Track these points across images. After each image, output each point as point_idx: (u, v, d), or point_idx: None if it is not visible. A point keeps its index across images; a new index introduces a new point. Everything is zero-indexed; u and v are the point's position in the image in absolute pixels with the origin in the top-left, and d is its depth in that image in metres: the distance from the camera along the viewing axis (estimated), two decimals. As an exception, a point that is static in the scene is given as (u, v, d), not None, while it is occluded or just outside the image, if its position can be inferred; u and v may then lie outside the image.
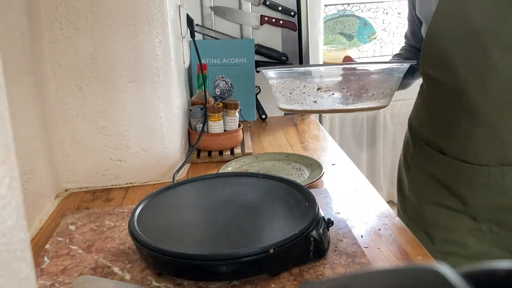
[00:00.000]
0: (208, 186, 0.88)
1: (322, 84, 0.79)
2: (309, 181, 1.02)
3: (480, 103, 0.90)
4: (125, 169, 1.07)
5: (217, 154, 1.23)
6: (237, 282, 0.67)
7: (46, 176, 0.98)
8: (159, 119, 1.06)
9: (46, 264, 0.75)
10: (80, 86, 1.00)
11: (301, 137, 1.39)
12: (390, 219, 0.86)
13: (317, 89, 0.80)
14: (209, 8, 1.52)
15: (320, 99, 0.81)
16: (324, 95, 0.80)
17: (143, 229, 0.72)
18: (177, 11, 1.19)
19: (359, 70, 0.88)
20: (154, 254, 0.67)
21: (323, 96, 0.80)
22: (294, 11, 1.54)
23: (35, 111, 0.94)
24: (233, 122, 1.26)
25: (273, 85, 0.89)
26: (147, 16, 0.99)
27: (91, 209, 0.96)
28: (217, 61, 1.50)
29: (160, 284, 0.68)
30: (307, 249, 0.70)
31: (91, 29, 0.97)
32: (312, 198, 0.77)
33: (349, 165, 1.15)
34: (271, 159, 1.19)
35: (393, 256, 0.74)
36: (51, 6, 0.95)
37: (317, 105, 0.83)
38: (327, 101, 0.81)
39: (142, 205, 0.80)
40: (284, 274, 0.69)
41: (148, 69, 1.02)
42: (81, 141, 1.04)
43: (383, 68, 0.91)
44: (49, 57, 0.98)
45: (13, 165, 0.31)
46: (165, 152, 1.09)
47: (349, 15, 2.89)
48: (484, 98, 0.90)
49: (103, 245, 0.80)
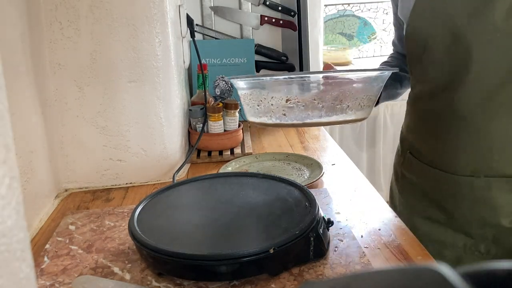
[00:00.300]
0: (208, 186, 0.88)
1: (291, 95, 0.72)
2: (309, 181, 1.02)
3: (462, 104, 0.87)
4: (125, 169, 1.07)
5: (217, 154, 1.23)
6: (237, 282, 0.67)
7: (46, 176, 0.98)
8: (159, 119, 1.06)
9: (46, 264, 0.75)
10: (80, 86, 1.00)
11: (301, 137, 1.39)
12: (390, 219, 0.86)
13: (285, 100, 0.73)
14: (209, 8, 1.52)
15: (290, 112, 0.73)
16: (293, 106, 0.73)
17: (143, 229, 0.72)
18: (177, 11, 1.19)
19: (332, 79, 0.80)
20: (154, 254, 0.67)
21: (293, 108, 0.72)
22: (294, 11, 1.54)
23: (35, 111, 0.94)
24: (233, 122, 1.26)
25: (241, 96, 0.81)
26: (147, 16, 0.99)
27: (91, 209, 0.96)
28: (217, 61, 1.50)
29: (160, 284, 0.68)
30: (307, 249, 0.70)
31: (91, 29, 0.97)
32: (312, 198, 0.77)
33: (349, 165, 1.15)
34: (271, 159, 1.19)
35: (393, 256, 0.74)
36: (51, 6, 0.95)
37: (286, 118, 0.74)
38: (298, 114, 0.73)
39: (142, 205, 0.80)
40: (284, 274, 0.69)
41: (148, 69, 1.02)
42: (81, 141, 1.04)
43: (362, 77, 0.81)
44: (49, 57, 0.98)
45: (13, 165, 0.31)
46: (165, 152, 1.09)
47: (349, 15, 2.89)
48: (466, 98, 0.86)
49: (103, 245, 0.80)
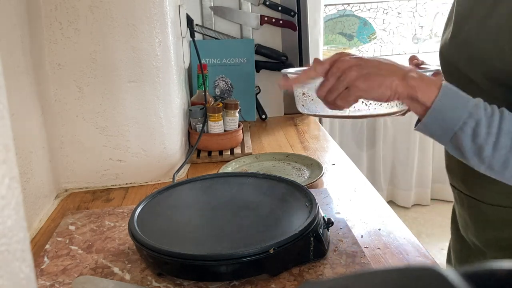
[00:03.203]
0: (208, 186, 0.88)
1: (305, 89, 0.77)
2: (309, 181, 1.02)
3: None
4: (125, 169, 1.07)
5: (217, 154, 1.23)
6: (237, 282, 0.67)
7: (46, 176, 0.98)
8: (159, 119, 1.06)
9: (46, 264, 0.75)
10: (80, 86, 1.00)
11: (301, 137, 1.39)
12: (390, 219, 0.86)
13: (302, 93, 0.79)
14: (209, 8, 1.52)
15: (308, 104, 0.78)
16: (307, 100, 0.78)
17: (143, 229, 0.72)
18: (177, 11, 1.19)
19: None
20: (154, 254, 0.67)
21: (306, 101, 0.78)
22: (294, 11, 1.54)
23: (35, 111, 0.94)
24: (233, 122, 1.26)
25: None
26: (147, 16, 0.99)
27: (91, 209, 0.96)
28: (217, 61, 1.50)
29: (160, 284, 0.68)
30: (307, 249, 0.70)
31: (91, 29, 0.97)
32: (312, 198, 0.77)
33: (349, 165, 1.15)
34: (271, 159, 1.19)
35: (393, 256, 0.74)
36: (50, 6, 0.95)
37: (305, 109, 0.79)
38: (311, 106, 0.78)
39: (142, 205, 0.80)
40: (284, 274, 0.69)
41: (148, 69, 1.02)
42: (81, 141, 1.04)
43: None
44: (49, 57, 0.98)
45: (13, 165, 0.31)
46: (165, 152, 1.09)
47: (349, 15, 2.89)
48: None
49: (103, 245, 0.80)
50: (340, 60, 0.66)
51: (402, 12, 2.91)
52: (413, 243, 0.78)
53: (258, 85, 1.55)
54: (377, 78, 0.63)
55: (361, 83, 0.63)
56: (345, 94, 0.65)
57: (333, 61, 0.66)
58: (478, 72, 0.72)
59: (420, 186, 2.69)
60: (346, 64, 0.64)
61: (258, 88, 1.55)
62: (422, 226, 2.51)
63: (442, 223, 2.44)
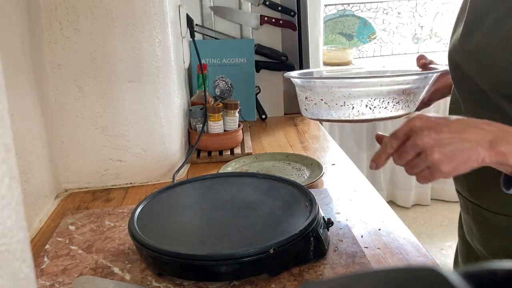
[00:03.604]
0: (208, 186, 0.88)
1: (307, 93, 0.77)
2: (309, 181, 1.02)
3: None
4: (125, 169, 1.07)
5: (217, 154, 1.23)
6: (237, 282, 0.67)
7: (46, 176, 0.98)
8: (159, 119, 1.06)
9: (46, 264, 0.75)
10: (80, 86, 1.00)
11: (301, 137, 1.39)
12: (390, 219, 0.86)
13: (305, 97, 0.79)
14: (209, 8, 1.51)
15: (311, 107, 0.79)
16: (309, 104, 0.78)
17: (143, 229, 0.72)
18: (177, 11, 1.19)
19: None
20: (154, 254, 0.67)
21: (309, 105, 0.78)
22: (294, 11, 1.54)
23: (35, 111, 0.94)
24: (233, 122, 1.26)
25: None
26: (147, 16, 0.99)
27: (91, 209, 0.96)
28: (217, 61, 1.50)
29: (160, 284, 0.68)
30: (307, 249, 0.70)
31: (90, 29, 0.97)
32: (312, 198, 0.77)
33: (349, 165, 1.15)
34: (271, 159, 1.19)
35: (393, 256, 0.74)
36: (50, 6, 0.95)
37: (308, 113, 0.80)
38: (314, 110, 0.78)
39: (142, 205, 0.80)
40: (284, 274, 0.69)
41: (148, 69, 1.02)
42: (81, 141, 1.04)
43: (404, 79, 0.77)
44: (49, 57, 0.98)
45: (13, 165, 0.31)
46: (165, 152, 1.09)
47: (349, 15, 2.89)
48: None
49: (103, 245, 0.80)
50: (416, 132, 0.58)
51: (402, 12, 2.91)
52: (413, 243, 0.78)
53: (258, 85, 1.55)
54: (461, 156, 0.56)
55: (445, 166, 0.57)
56: (426, 174, 0.59)
57: (408, 130, 0.59)
58: (488, 84, 0.68)
59: (420, 186, 2.69)
60: (425, 140, 0.57)
61: (258, 88, 1.55)
62: (422, 226, 2.51)
63: (442, 223, 2.45)
